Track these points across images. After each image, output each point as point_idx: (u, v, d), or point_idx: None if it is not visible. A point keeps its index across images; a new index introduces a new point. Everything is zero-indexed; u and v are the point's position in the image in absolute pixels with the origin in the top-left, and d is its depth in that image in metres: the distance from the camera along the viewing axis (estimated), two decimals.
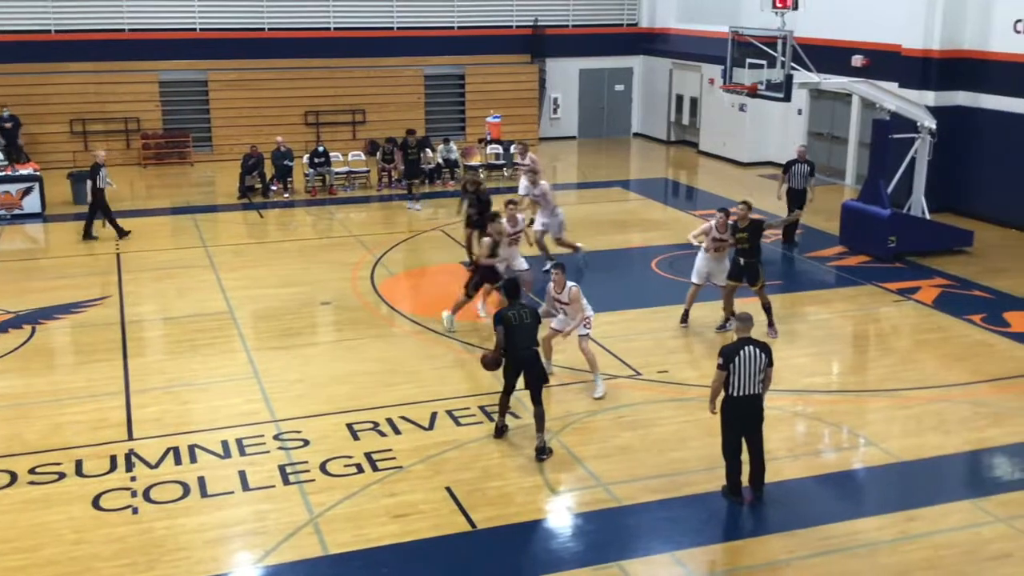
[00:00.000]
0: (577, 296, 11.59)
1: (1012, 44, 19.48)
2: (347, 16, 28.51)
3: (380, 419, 11.17)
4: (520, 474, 9.95)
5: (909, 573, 8.30)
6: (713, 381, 9.27)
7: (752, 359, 9.03)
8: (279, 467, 10.09)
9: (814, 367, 12.89)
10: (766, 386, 9.23)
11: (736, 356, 9.00)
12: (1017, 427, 11.00)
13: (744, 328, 9.25)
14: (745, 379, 9.04)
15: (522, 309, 10.35)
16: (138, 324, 14.46)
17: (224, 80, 27.27)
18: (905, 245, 17.32)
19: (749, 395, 9.11)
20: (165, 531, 8.94)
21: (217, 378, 12.43)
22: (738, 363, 9.00)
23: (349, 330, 14.24)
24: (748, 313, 9.46)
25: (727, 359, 9.03)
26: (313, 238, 19.74)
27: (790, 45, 16.88)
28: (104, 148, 22.39)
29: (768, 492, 9.52)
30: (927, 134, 17.73)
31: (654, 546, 8.77)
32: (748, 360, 9.01)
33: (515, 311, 10.29)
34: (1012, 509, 9.26)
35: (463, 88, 29.46)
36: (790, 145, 25.95)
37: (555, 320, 12.04)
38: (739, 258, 13.46)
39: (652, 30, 31.17)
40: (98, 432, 10.91)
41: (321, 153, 23.44)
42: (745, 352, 9.02)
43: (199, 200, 22.82)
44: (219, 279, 16.55)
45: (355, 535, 8.86)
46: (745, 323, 9.28)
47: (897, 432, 10.97)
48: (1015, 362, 12.87)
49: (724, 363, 9.04)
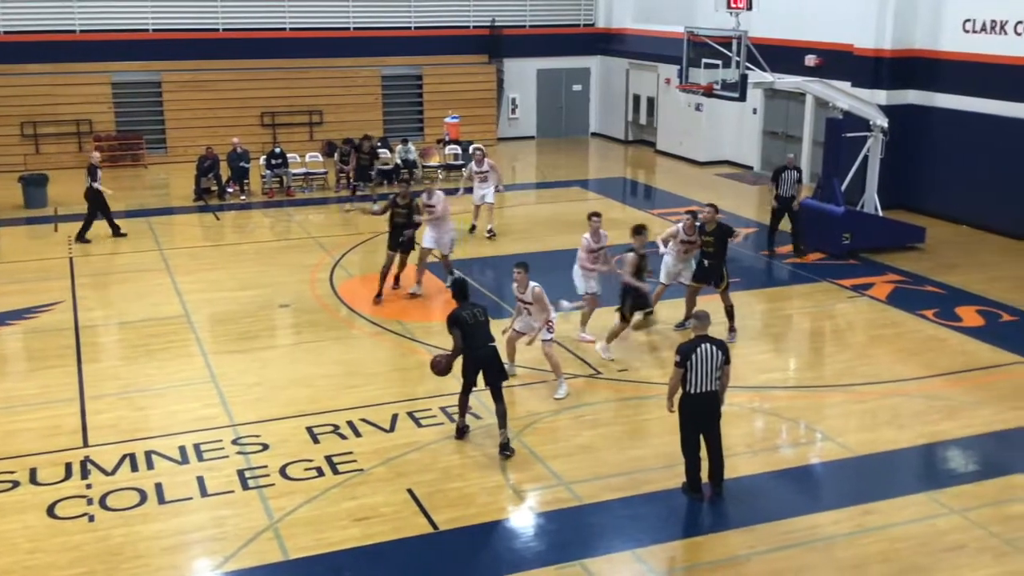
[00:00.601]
0: (540, 295, 11.57)
1: (962, 44, 19.83)
2: (303, 16, 28.31)
3: (340, 422, 11.11)
4: (481, 474, 9.95)
5: (866, 566, 8.42)
6: (670, 379, 9.33)
7: (709, 357, 9.10)
8: (238, 472, 10.00)
9: (771, 363, 13.03)
10: (724, 384, 9.31)
11: (693, 354, 9.08)
12: (970, 420, 11.20)
13: (701, 326, 9.33)
14: (702, 377, 9.11)
15: (475, 308, 10.39)
16: (92, 329, 14.25)
17: (178, 81, 26.95)
18: (859, 242, 17.56)
19: (706, 392, 9.18)
20: (122, 539, 8.83)
21: (173, 383, 12.29)
22: (695, 361, 9.07)
23: (308, 332, 14.15)
24: (705, 311, 9.53)
25: (684, 357, 9.09)
26: (271, 240, 19.59)
27: (744, 45, 17.04)
28: (55, 150, 22.04)
29: (727, 488, 9.60)
30: (879, 132, 17.99)
31: (616, 544, 8.81)
32: (705, 358, 9.09)
33: (468, 311, 10.30)
34: (966, 501, 9.43)
35: (421, 89, 29.38)
36: (746, 144, 26.32)
37: (518, 321, 12.01)
38: (704, 260, 13.55)
39: (609, 30, 31.32)
40: (52, 439, 10.74)
41: (278, 155, 23.30)
42: (702, 350, 9.10)
43: (153, 203, 22.54)
44: (175, 283, 16.36)
45: (316, 539, 8.81)
46: (702, 321, 9.35)
47: (853, 427, 11.12)
48: (967, 356, 13.11)
49: (681, 361, 9.11)
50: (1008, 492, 9.64)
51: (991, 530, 8.90)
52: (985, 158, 19.05)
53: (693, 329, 9.40)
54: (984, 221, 19.14)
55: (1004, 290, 15.75)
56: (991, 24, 19.25)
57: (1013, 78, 18.70)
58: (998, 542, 8.72)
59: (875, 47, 20.79)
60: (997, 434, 10.90)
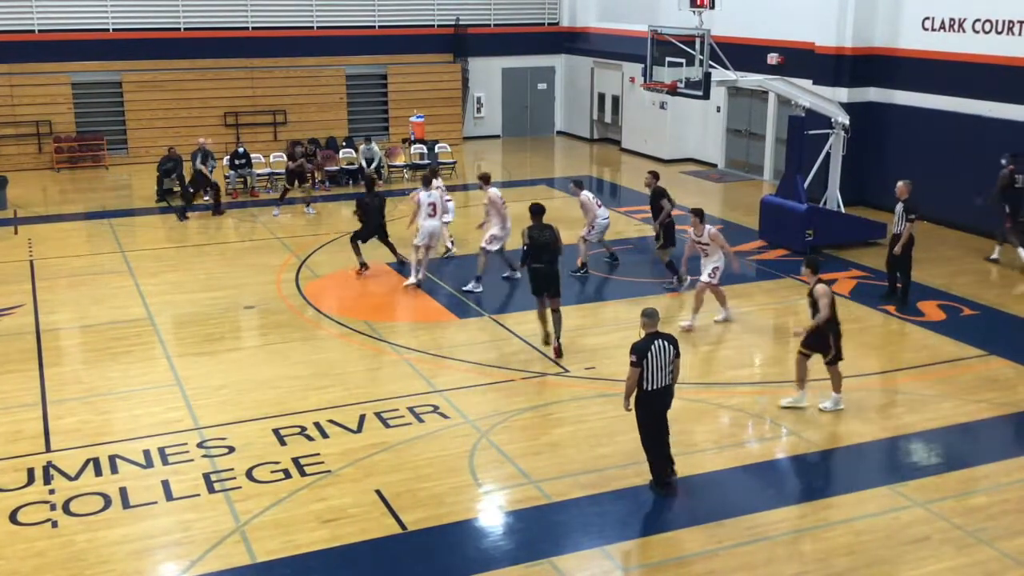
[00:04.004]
0: (716, 235, 13.72)
1: (921, 41, 20.09)
2: (266, 15, 28.11)
3: (307, 423, 11.05)
4: (450, 474, 9.94)
5: (831, 559, 8.51)
6: (628, 378, 9.38)
7: (663, 352, 9.22)
8: (204, 475, 9.91)
9: (736, 360, 13.12)
10: (675, 377, 9.42)
11: (648, 351, 9.16)
12: (932, 413, 11.35)
13: (651, 323, 9.40)
14: (657, 373, 9.22)
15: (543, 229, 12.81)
16: (53, 333, 14.07)
17: (139, 81, 26.67)
18: (821, 238, 17.73)
19: (662, 388, 9.30)
20: (86, 544, 8.72)
21: (137, 386, 12.16)
22: (651, 358, 9.17)
23: (274, 334, 14.06)
24: (654, 308, 9.58)
25: (640, 355, 9.17)
26: (235, 241, 19.42)
27: (708, 44, 17.16)
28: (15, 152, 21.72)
29: (694, 484, 9.67)
30: (841, 130, 18.18)
31: (585, 541, 8.84)
32: (659, 354, 9.20)
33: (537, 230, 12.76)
34: (929, 493, 9.56)
35: (386, 88, 29.29)
36: (710, 142, 26.49)
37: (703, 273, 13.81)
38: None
39: (573, 29, 31.39)
40: (14, 444, 10.59)
41: (242, 155, 23.10)
42: (656, 346, 9.20)
43: (115, 204, 22.28)
44: (137, 285, 16.19)
45: (283, 542, 8.75)
46: (651, 318, 9.42)
47: (817, 421, 11.23)
48: (928, 350, 13.28)
49: (638, 360, 9.18)
50: (970, 484, 9.79)
51: (953, 522, 9.03)
52: (945, 154, 19.31)
53: (643, 327, 9.41)
54: (944, 216, 19.40)
55: (965, 285, 15.98)
56: (950, 22, 19.52)
57: (972, 75, 18.98)
58: (960, 534, 8.85)
59: (836, 45, 21.02)
60: (959, 427, 11.06)
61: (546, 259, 12.74)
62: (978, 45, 18.90)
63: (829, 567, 8.39)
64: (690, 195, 22.92)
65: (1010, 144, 17.95)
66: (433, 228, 15.85)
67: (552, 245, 12.77)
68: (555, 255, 12.82)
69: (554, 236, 12.82)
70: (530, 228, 12.90)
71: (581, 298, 15.55)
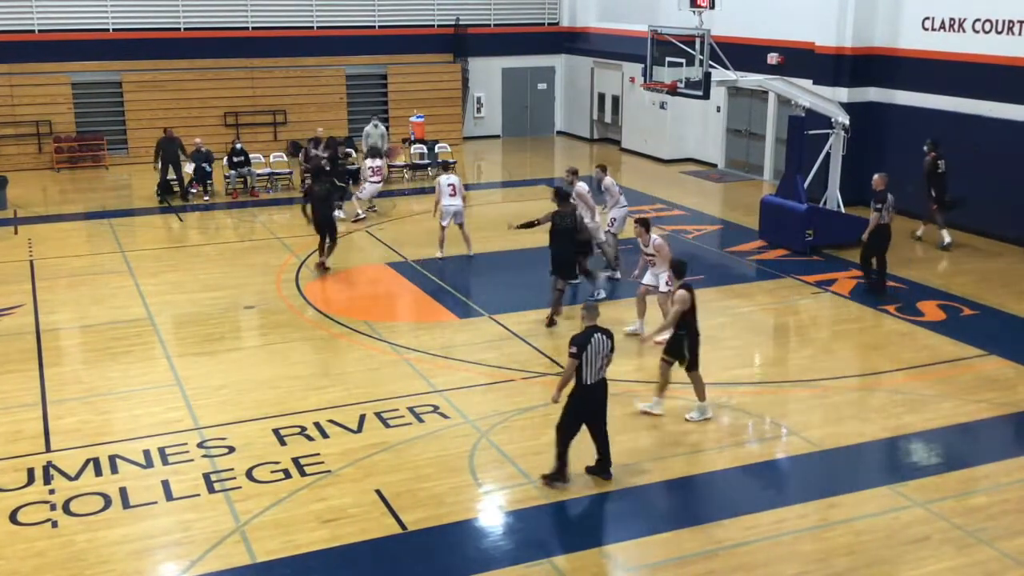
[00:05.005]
0: (662, 246, 13.23)
1: (921, 41, 20.09)
2: (266, 15, 28.11)
3: (307, 423, 11.05)
4: (450, 474, 9.94)
5: (831, 559, 8.51)
6: (565, 369, 9.47)
7: (600, 346, 9.32)
8: (204, 475, 9.91)
9: (736, 360, 13.12)
10: (605, 369, 9.54)
11: (588, 344, 9.24)
12: (932, 414, 11.35)
13: (590, 316, 9.52)
14: (595, 366, 9.31)
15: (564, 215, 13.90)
16: (54, 333, 14.07)
17: (139, 81, 26.67)
18: (821, 238, 17.73)
19: (599, 382, 9.39)
20: (86, 544, 8.72)
21: (137, 386, 12.16)
22: (590, 351, 9.25)
23: (274, 334, 14.06)
24: (595, 302, 9.71)
25: (580, 348, 9.26)
26: (235, 241, 19.42)
27: (708, 44, 17.15)
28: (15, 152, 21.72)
29: (694, 484, 9.67)
30: (841, 130, 18.18)
31: (584, 541, 8.84)
32: (597, 347, 9.30)
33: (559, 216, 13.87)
34: (929, 493, 9.56)
35: (385, 88, 29.29)
36: (710, 142, 26.49)
37: (647, 275, 13.45)
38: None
39: (573, 29, 31.39)
40: (14, 444, 10.59)
41: (239, 151, 22.96)
42: (595, 340, 9.30)
43: (115, 204, 22.28)
44: (137, 285, 16.19)
45: (283, 542, 8.75)
46: (591, 312, 9.54)
47: (818, 421, 11.23)
48: (929, 350, 13.28)
49: (577, 352, 9.26)
50: (970, 484, 9.79)
51: (953, 522, 9.03)
52: (944, 154, 19.28)
53: (583, 320, 9.56)
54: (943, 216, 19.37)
55: (964, 285, 15.99)
56: (950, 22, 19.52)
57: (972, 75, 18.98)
58: (960, 534, 8.85)
59: (836, 45, 21.02)
60: (959, 427, 11.06)
61: (565, 244, 13.92)
62: (978, 45, 18.90)
63: (829, 567, 8.39)
64: (690, 195, 22.95)
65: (1010, 144, 17.99)
66: (456, 207, 17.28)
67: (575, 231, 13.96)
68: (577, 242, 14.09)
69: (574, 223, 14.05)
70: (555, 213, 14.05)
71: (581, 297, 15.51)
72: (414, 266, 17.12)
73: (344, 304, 15.50)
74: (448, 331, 14.30)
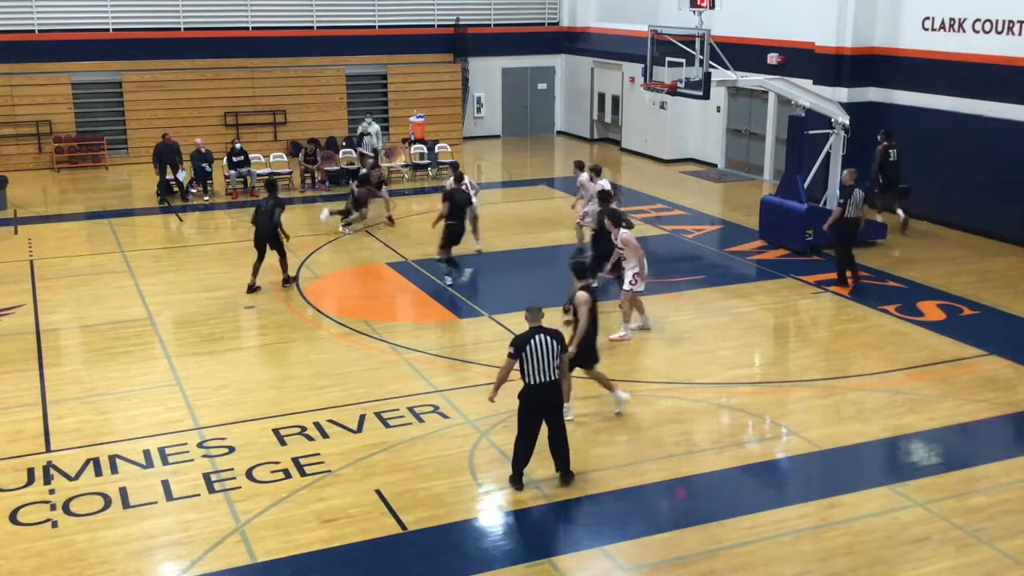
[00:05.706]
0: (629, 239, 13.10)
1: (921, 41, 20.09)
2: (266, 15, 28.11)
3: (307, 423, 11.05)
4: (450, 474, 9.93)
5: (831, 559, 8.50)
6: (501, 369, 9.52)
7: (544, 347, 9.29)
8: (204, 475, 9.91)
9: (737, 359, 13.11)
10: (563, 372, 9.53)
11: (527, 345, 9.24)
12: (932, 413, 11.35)
13: (533, 317, 9.53)
14: (540, 367, 9.28)
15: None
16: (54, 333, 14.07)
17: (139, 81, 26.67)
18: (822, 238, 17.71)
19: (547, 382, 9.35)
20: (86, 544, 8.72)
21: (137, 386, 12.16)
22: (530, 352, 9.25)
23: (274, 334, 14.05)
24: (537, 305, 9.67)
25: (518, 348, 9.29)
26: (235, 241, 19.41)
27: (708, 44, 17.15)
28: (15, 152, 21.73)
29: (694, 484, 9.66)
30: (841, 130, 18.17)
31: (584, 541, 8.84)
32: (540, 348, 9.27)
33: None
34: (929, 493, 9.55)
35: (386, 88, 29.29)
36: (710, 142, 26.49)
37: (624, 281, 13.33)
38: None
39: (573, 29, 31.39)
40: (14, 444, 10.59)
41: (239, 151, 22.94)
42: (536, 340, 9.28)
43: (115, 204, 22.27)
44: (137, 285, 16.19)
45: (283, 542, 8.75)
46: (534, 313, 9.56)
47: (818, 421, 11.23)
48: (929, 350, 13.27)
49: (515, 352, 9.29)
50: (970, 484, 9.78)
51: (953, 522, 9.03)
52: (945, 154, 19.30)
53: (527, 320, 9.58)
54: (944, 216, 19.39)
55: (964, 284, 15.98)
56: (950, 22, 19.51)
57: (972, 75, 18.97)
58: (960, 534, 8.85)
59: (836, 45, 21.01)
60: (959, 427, 11.05)
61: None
62: (978, 45, 18.89)
63: (829, 567, 8.39)
64: (690, 195, 22.95)
65: (1011, 144, 17.98)
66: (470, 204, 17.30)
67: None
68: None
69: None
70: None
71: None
72: (414, 266, 17.13)
73: (344, 304, 15.50)
74: (448, 331, 14.29)
